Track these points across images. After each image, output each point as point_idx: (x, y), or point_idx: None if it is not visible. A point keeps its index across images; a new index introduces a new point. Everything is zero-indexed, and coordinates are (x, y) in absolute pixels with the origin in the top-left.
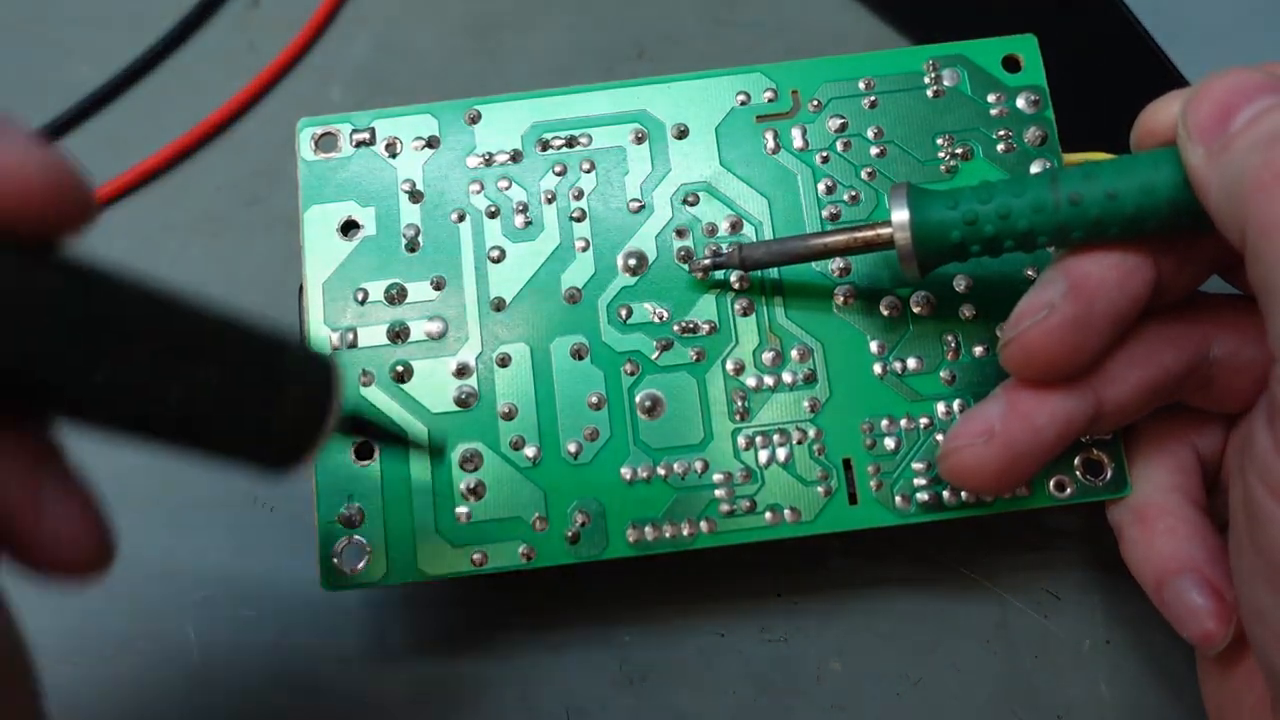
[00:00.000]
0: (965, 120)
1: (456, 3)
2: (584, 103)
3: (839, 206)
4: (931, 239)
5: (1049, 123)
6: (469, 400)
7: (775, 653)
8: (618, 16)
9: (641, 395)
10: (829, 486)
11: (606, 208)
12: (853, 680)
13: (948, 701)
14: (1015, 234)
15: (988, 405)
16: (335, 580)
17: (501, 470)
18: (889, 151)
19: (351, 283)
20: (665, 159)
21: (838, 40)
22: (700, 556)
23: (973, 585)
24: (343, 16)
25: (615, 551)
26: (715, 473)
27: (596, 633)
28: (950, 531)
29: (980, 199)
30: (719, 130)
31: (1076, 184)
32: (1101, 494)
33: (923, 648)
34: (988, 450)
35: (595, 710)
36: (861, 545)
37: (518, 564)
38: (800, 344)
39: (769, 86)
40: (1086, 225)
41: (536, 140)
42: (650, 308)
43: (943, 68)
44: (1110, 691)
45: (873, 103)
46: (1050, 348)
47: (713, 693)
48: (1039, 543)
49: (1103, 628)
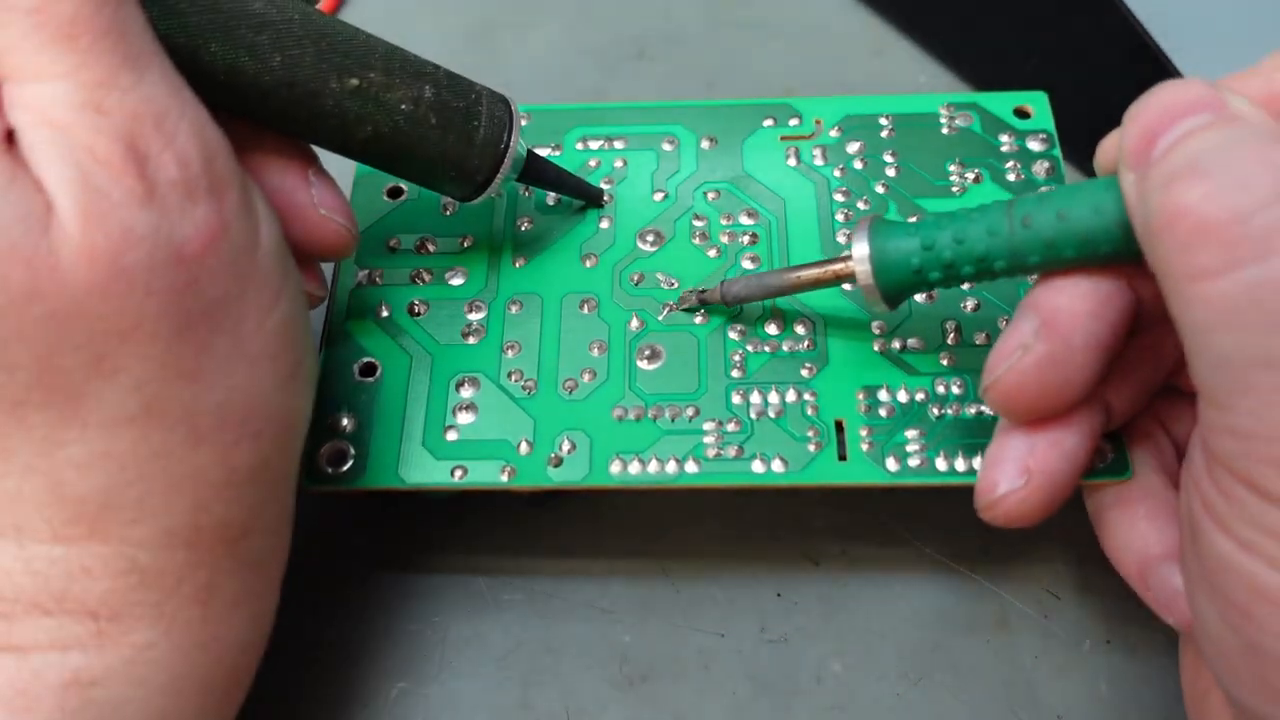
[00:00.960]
0: (977, 152)
1: (456, 3)
2: (625, 114)
3: (851, 211)
4: (890, 266)
5: (1056, 160)
6: (476, 335)
7: (775, 653)
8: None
9: (642, 345)
10: (819, 443)
11: (633, 193)
12: (853, 680)
13: (948, 701)
14: (972, 258)
15: (1014, 442)
16: (316, 478)
17: (496, 397)
18: (903, 171)
19: (388, 233)
20: (694, 161)
21: (838, 40)
22: (701, 555)
23: (973, 585)
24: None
25: (596, 479)
26: (706, 420)
27: (596, 633)
28: (950, 531)
29: (939, 225)
30: (745, 143)
31: (1030, 207)
32: (1102, 476)
33: (923, 648)
34: (1031, 491)
35: (595, 710)
36: (862, 545)
37: (497, 481)
38: (803, 317)
39: (795, 114)
40: (1040, 248)
41: (579, 138)
42: (662, 277)
43: (957, 112)
44: (1110, 691)
45: (890, 132)
46: (1029, 389)
47: (713, 693)
48: (1039, 542)
49: (1103, 628)
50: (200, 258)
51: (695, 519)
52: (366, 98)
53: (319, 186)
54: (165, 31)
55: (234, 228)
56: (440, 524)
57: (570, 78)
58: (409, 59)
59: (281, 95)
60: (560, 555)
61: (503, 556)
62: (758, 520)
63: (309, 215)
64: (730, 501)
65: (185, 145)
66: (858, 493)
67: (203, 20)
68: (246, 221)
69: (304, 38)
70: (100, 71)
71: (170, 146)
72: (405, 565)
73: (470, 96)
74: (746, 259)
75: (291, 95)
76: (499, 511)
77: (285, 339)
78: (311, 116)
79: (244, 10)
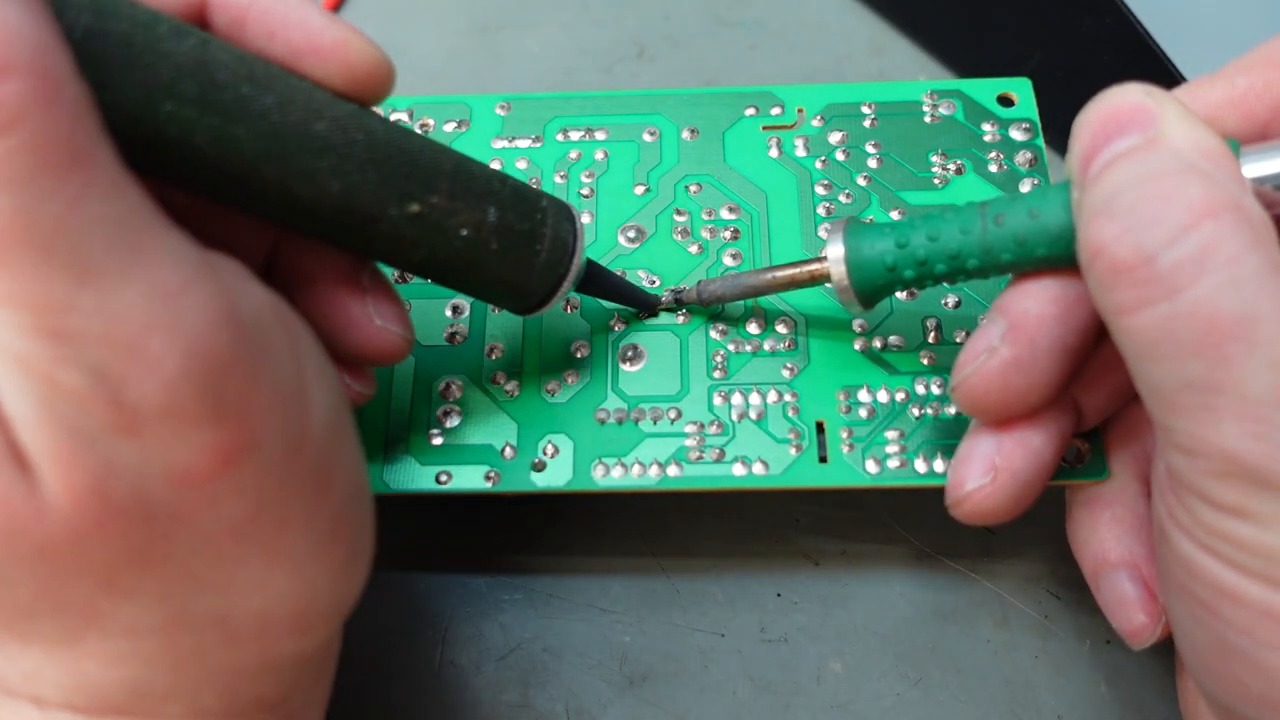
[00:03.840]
0: (960, 142)
1: (456, 3)
2: (605, 104)
3: (833, 204)
4: (865, 264)
5: (1039, 149)
6: (458, 337)
7: (775, 653)
8: (618, 16)
9: (624, 346)
10: (799, 445)
11: (614, 188)
12: (853, 680)
13: (948, 701)
14: (945, 255)
15: (982, 441)
16: None
17: (479, 401)
18: (885, 163)
19: None
20: (674, 153)
21: (838, 40)
22: (701, 554)
23: (973, 585)
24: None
25: (579, 484)
26: (687, 422)
27: (596, 632)
28: (951, 531)
29: (914, 225)
30: (726, 134)
31: (1003, 206)
32: (1080, 477)
33: (923, 648)
34: (997, 488)
35: (595, 710)
36: (862, 544)
37: (481, 487)
38: (784, 316)
39: (777, 103)
40: (1012, 245)
41: (559, 129)
42: (643, 274)
43: (940, 99)
44: (1110, 691)
45: (873, 122)
46: (993, 391)
47: (713, 693)
48: (1039, 542)
49: (1103, 628)
50: (211, 480)
51: (695, 519)
52: (426, 223)
53: (374, 294)
54: (217, 157)
55: (266, 440)
56: (440, 524)
57: (570, 78)
58: (475, 176)
59: (336, 220)
60: (560, 555)
61: (503, 556)
62: (757, 520)
63: (365, 326)
64: (730, 501)
65: (174, 368)
66: (857, 492)
67: (259, 146)
68: (289, 421)
69: (366, 162)
70: (50, 293)
71: (153, 371)
72: (405, 565)
73: (535, 216)
74: (728, 255)
75: (347, 220)
76: (499, 511)
77: (341, 523)
78: (365, 239)
79: (306, 133)
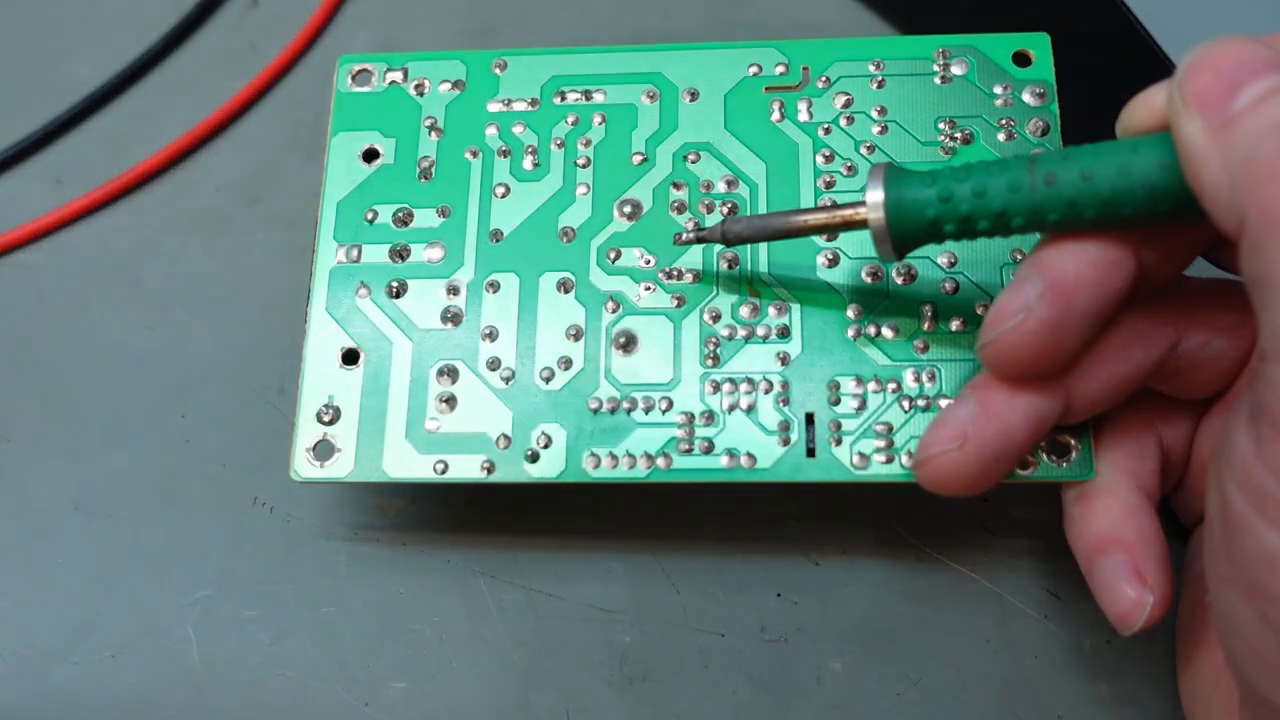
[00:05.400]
0: (969, 107)
1: (456, 3)
2: (604, 61)
3: (834, 176)
4: (906, 216)
5: (1053, 115)
6: (455, 319)
7: (775, 653)
8: (618, 16)
9: (617, 331)
10: (788, 437)
11: (611, 157)
12: (853, 680)
13: (948, 701)
14: (990, 213)
15: (959, 408)
16: (304, 470)
17: (475, 387)
18: (890, 130)
19: (365, 203)
20: (674, 118)
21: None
22: (701, 556)
23: (973, 585)
24: (343, 16)
25: (572, 476)
26: (678, 412)
27: (597, 632)
28: (952, 531)
29: (957, 177)
30: (728, 96)
31: (1054, 164)
32: (1065, 475)
33: (923, 648)
34: (963, 455)
35: (595, 710)
36: (862, 544)
37: (477, 477)
38: (779, 300)
39: (781, 60)
40: (1061, 207)
41: (555, 91)
42: (639, 253)
43: (953, 57)
44: (1110, 691)
45: (880, 83)
46: (1028, 351)
47: (713, 693)
48: (1039, 542)
49: (1103, 628)
50: None
51: (695, 519)
52: None
53: None
54: None
55: None
56: (440, 523)
57: None
58: None
59: None
60: (560, 555)
61: (503, 556)
62: (757, 520)
63: None
64: (730, 501)
65: None
66: (858, 492)
67: None
68: None
69: None
70: None
71: None
72: (405, 564)
73: None
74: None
75: None
76: (499, 511)
77: None
78: None
79: None
